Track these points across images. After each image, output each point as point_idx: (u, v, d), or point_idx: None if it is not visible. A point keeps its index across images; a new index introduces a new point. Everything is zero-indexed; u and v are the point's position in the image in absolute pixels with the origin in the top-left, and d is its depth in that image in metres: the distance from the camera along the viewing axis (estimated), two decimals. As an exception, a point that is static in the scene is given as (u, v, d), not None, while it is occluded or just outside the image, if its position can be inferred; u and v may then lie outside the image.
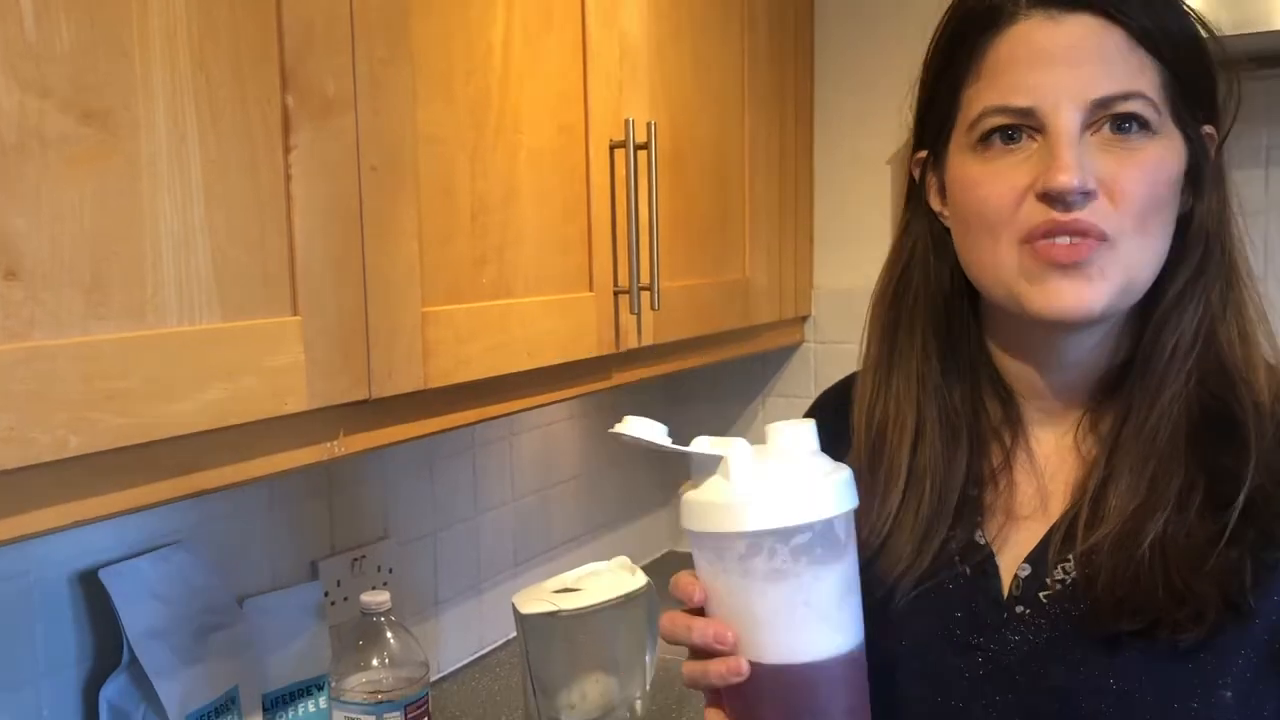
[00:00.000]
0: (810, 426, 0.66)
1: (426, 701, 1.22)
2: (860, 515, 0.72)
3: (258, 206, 0.89)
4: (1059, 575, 0.77)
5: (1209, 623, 0.70)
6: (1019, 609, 0.77)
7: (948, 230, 0.84)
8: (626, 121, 1.33)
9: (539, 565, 1.81)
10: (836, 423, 0.90)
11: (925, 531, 0.81)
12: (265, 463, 0.93)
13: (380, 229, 0.99)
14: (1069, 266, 0.73)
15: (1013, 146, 0.76)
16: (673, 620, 0.71)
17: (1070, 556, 0.76)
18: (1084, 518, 0.76)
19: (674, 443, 0.69)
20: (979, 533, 0.81)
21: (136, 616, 1.09)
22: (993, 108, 0.76)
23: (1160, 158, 0.74)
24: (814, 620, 0.65)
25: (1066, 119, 0.73)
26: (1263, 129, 1.74)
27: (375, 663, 1.21)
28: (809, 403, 2.25)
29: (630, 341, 1.40)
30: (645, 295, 1.39)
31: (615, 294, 1.36)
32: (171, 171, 0.81)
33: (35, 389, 0.72)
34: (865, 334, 0.91)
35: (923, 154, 0.86)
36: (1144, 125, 0.74)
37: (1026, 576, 0.78)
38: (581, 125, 1.30)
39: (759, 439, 0.68)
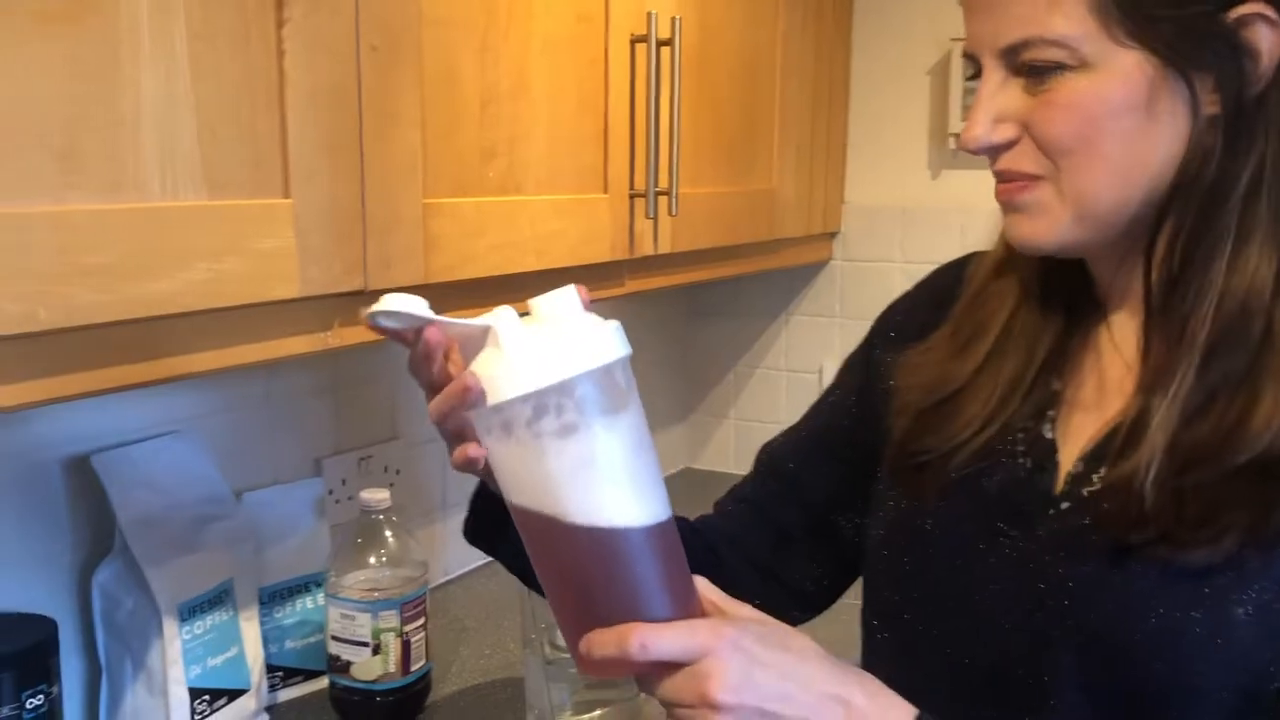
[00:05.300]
0: (572, 290, 0.66)
1: (424, 601, 1.21)
2: (934, 362, 0.81)
3: (248, 82, 0.84)
4: (1103, 474, 0.74)
5: (1228, 551, 0.68)
6: (1063, 505, 0.76)
7: None
8: (649, 14, 1.27)
9: (551, 474, 1.79)
10: (941, 297, 0.88)
11: (1001, 399, 0.79)
12: (253, 349, 0.90)
13: (380, 113, 0.95)
14: (1009, 205, 0.74)
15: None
16: (416, 370, 0.69)
17: (1121, 459, 0.73)
18: (1138, 422, 0.72)
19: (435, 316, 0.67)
20: (1048, 426, 0.79)
21: (128, 504, 1.08)
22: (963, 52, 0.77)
23: (1085, 92, 0.69)
24: (614, 476, 0.64)
25: (989, 69, 0.73)
26: None
27: (373, 561, 1.20)
28: (835, 322, 2.20)
29: (646, 248, 1.36)
30: (663, 200, 1.34)
31: (631, 197, 1.31)
32: (154, 39, 0.77)
33: (4, 257, 0.69)
34: None
35: None
36: (1059, 66, 0.69)
37: (1078, 474, 0.76)
38: (601, 15, 1.24)
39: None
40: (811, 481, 0.94)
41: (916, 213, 1.99)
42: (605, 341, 0.64)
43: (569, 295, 0.66)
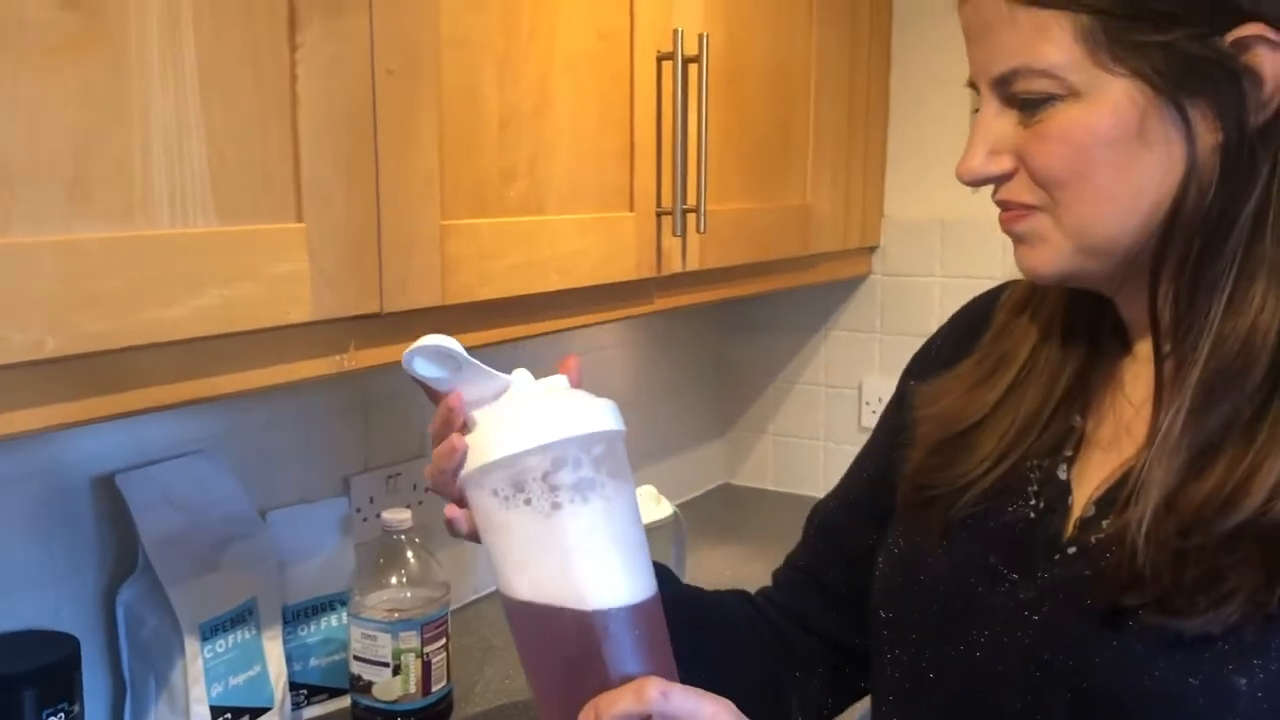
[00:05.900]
0: (564, 378, 0.69)
1: (445, 622, 1.21)
2: (955, 391, 0.80)
3: (260, 106, 0.85)
4: (1109, 523, 0.71)
5: (1227, 620, 0.64)
6: (1070, 550, 0.73)
7: None
8: (675, 32, 1.26)
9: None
10: (975, 327, 0.87)
11: (1018, 434, 0.77)
12: (268, 373, 0.90)
13: (396, 136, 0.95)
14: (1011, 234, 0.73)
15: None
16: (434, 434, 0.70)
17: (1125, 511, 0.70)
18: (1150, 469, 0.69)
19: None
20: (1063, 466, 0.76)
21: (151, 523, 1.09)
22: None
23: (1075, 123, 0.67)
24: (620, 548, 0.64)
25: (986, 99, 0.71)
26: None
27: (394, 581, 1.19)
28: (875, 338, 2.18)
29: (673, 265, 1.35)
30: (691, 217, 1.33)
31: (658, 215, 1.30)
32: (164, 64, 0.78)
33: (11, 286, 0.70)
34: None
35: None
36: (1050, 97, 0.67)
37: (1089, 518, 0.73)
38: (625, 33, 1.23)
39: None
40: (853, 537, 0.91)
41: (957, 226, 1.95)
42: (612, 411, 0.66)
43: (561, 379, 0.68)
